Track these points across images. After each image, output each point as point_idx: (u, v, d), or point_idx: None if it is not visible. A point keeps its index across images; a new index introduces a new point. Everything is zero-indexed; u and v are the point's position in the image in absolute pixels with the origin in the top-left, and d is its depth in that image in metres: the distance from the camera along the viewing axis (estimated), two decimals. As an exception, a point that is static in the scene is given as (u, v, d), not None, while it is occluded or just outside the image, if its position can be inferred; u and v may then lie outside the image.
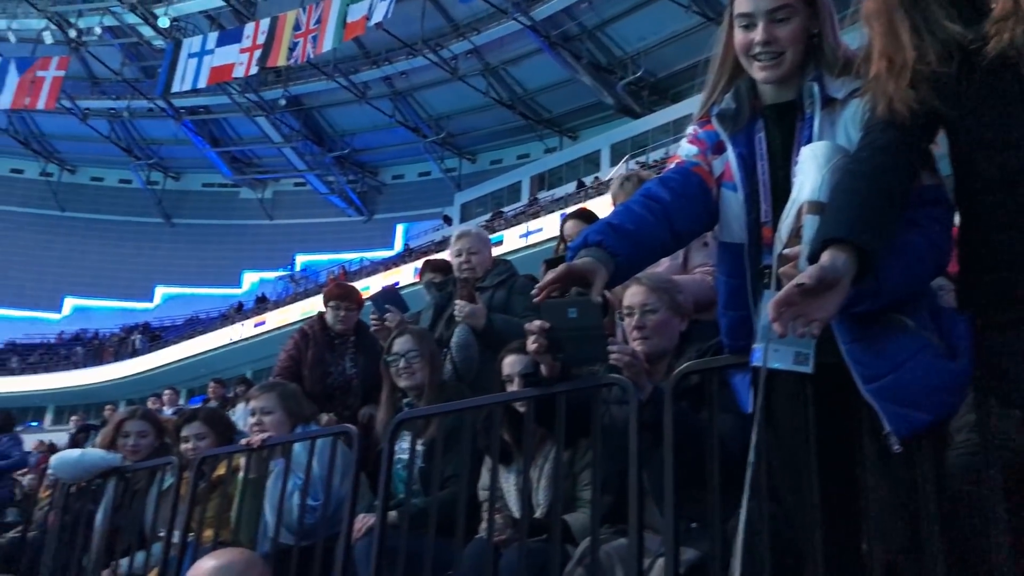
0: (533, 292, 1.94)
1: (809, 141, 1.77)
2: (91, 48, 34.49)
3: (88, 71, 35.64)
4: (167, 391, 10.83)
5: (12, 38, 32.94)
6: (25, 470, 8.29)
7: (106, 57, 35.07)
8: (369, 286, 26.39)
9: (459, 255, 4.07)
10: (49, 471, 3.95)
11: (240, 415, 5.26)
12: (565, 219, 4.20)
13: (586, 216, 4.06)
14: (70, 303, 39.91)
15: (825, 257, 1.50)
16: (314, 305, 28.59)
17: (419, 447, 3.01)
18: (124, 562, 3.53)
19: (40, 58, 30.46)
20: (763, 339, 1.68)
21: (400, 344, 3.39)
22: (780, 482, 1.94)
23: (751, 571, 1.85)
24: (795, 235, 1.67)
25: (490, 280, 4.04)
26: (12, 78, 29.97)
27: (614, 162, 29.40)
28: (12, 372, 35.76)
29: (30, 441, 11.71)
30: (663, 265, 2.92)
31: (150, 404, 9.82)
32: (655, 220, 1.89)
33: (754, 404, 1.91)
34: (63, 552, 3.87)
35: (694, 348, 2.48)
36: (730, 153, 1.91)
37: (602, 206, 7.67)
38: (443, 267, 5.14)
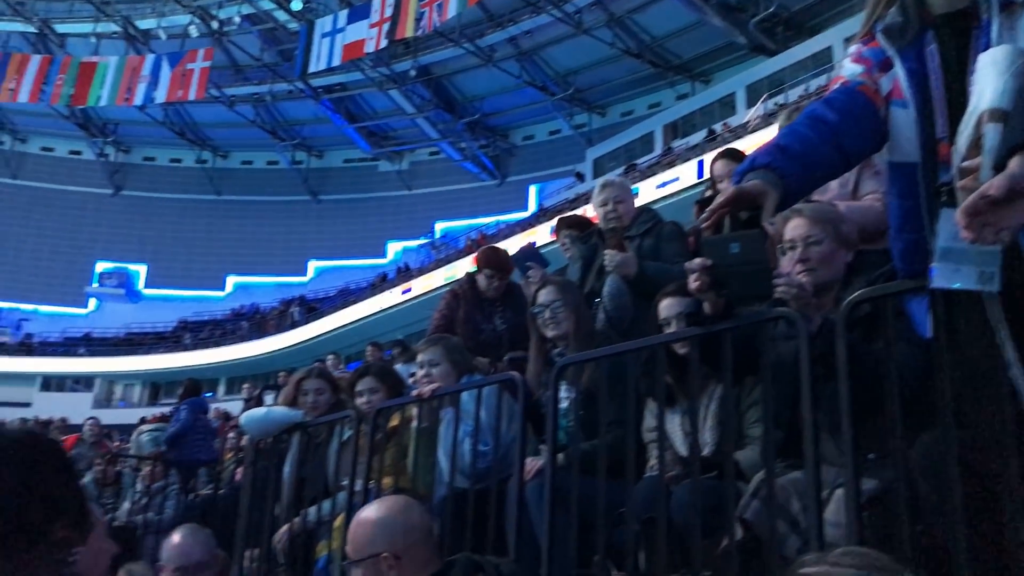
0: (703, 217, 1.92)
1: (987, 49, 1.68)
2: (232, 37, 36.25)
3: (231, 60, 37.47)
4: (330, 357, 11.42)
5: (162, 35, 35.06)
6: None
7: (246, 45, 36.79)
8: (507, 249, 26.74)
9: (604, 205, 4.07)
10: (241, 426, 4.27)
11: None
12: (714, 159, 4.12)
13: (734, 155, 3.98)
14: (232, 281, 42.57)
15: (1014, 164, 1.43)
16: (456, 270, 29.28)
17: (575, 394, 3.08)
18: (312, 510, 3.81)
19: (188, 51, 32.24)
20: (942, 259, 1.62)
21: (544, 295, 3.45)
22: (965, 409, 1.88)
23: (940, 499, 1.82)
24: (974, 146, 1.59)
25: (636, 229, 4.03)
26: (165, 73, 31.91)
27: (750, 104, 28.34)
28: (186, 348, 38.64)
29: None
30: (831, 192, 2.83)
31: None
32: (822, 141, 1.84)
33: (935, 328, 1.86)
34: (257, 503, 4.20)
35: (862, 279, 2.41)
36: (899, 69, 1.83)
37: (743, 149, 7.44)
38: (578, 223, 5.13)
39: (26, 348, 41.25)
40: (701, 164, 22.59)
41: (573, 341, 3.25)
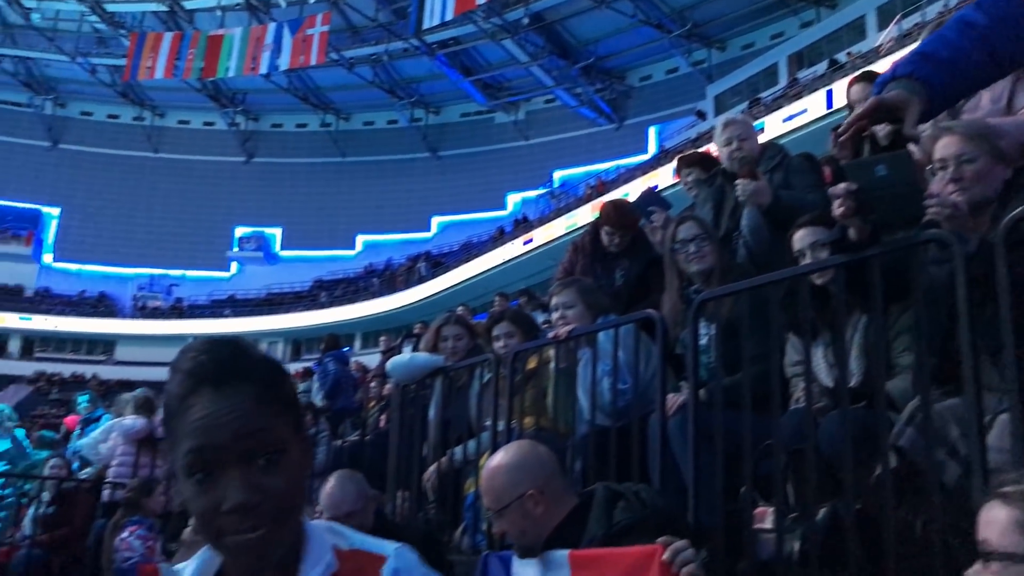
0: (840, 129, 1.84)
1: None
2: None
3: (347, 22, 38.21)
4: (459, 308, 11.68)
5: (282, 2, 36.08)
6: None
7: (361, 6, 37.40)
8: (627, 193, 26.41)
9: (728, 143, 3.97)
10: (387, 372, 4.47)
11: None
12: (851, 82, 3.95)
13: (873, 78, 3.78)
14: (361, 239, 44.00)
15: None
16: (576, 218, 29.22)
17: (715, 330, 3.06)
18: (458, 450, 3.96)
19: (307, 17, 33.13)
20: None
21: (685, 230, 3.42)
22: None
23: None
24: None
25: (763, 165, 3.92)
26: (287, 40, 32.95)
27: (882, 26, 26.65)
28: (323, 306, 40.40)
29: (347, 363, 13.21)
30: (982, 109, 2.68)
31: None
32: (971, 46, 1.73)
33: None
34: (405, 444, 4.40)
35: (1023, 196, 2.29)
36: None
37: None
38: (700, 161, 5.00)
39: (177, 311, 44.13)
40: (830, 94, 21.52)
41: (717, 275, 3.22)
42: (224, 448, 0.95)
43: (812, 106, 22.46)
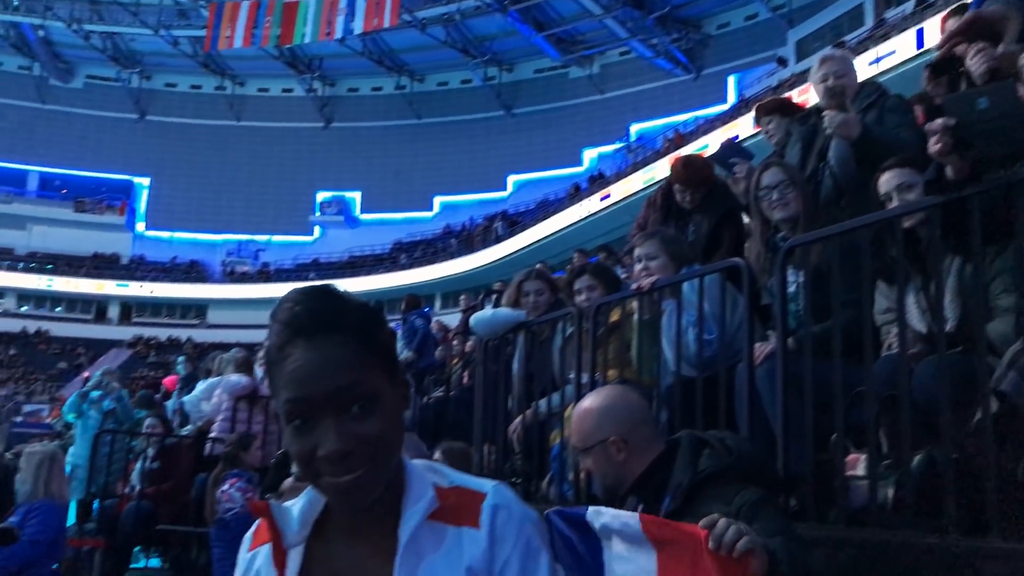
0: (936, 45, 1.75)
1: None
2: (419, -41, 36.86)
3: (420, -19, 38.19)
4: (538, 266, 11.68)
5: (354, -34, 36.19)
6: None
7: (433, -35, 37.31)
8: (707, 144, 25.83)
9: (824, 80, 3.82)
10: (470, 327, 4.53)
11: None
12: (945, 17, 3.76)
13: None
14: (438, 201, 44.36)
15: None
16: (654, 172, 28.76)
17: (803, 277, 2.99)
18: (542, 403, 4.00)
19: (379, -20, 33.14)
20: None
21: (769, 177, 3.33)
22: None
23: None
24: None
25: (858, 104, 3.77)
26: (360, 4, 33.12)
27: (977, -43, 25.15)
28: (403, 267, 41.03)
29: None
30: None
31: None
32: None
33: None
34: (489, 399, 4.47)
35: None
36: None
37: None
38: (780, 107, 4.80)
39: (264, 276, 45.45)
40: (920, 33, 20.52)
41: (803, 221, 3.14)
42: (317, 400, 0.98)
43: (901, 47, 21.47)
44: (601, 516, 2.04)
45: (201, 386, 7.69)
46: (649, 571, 1.79)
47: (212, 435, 7.00)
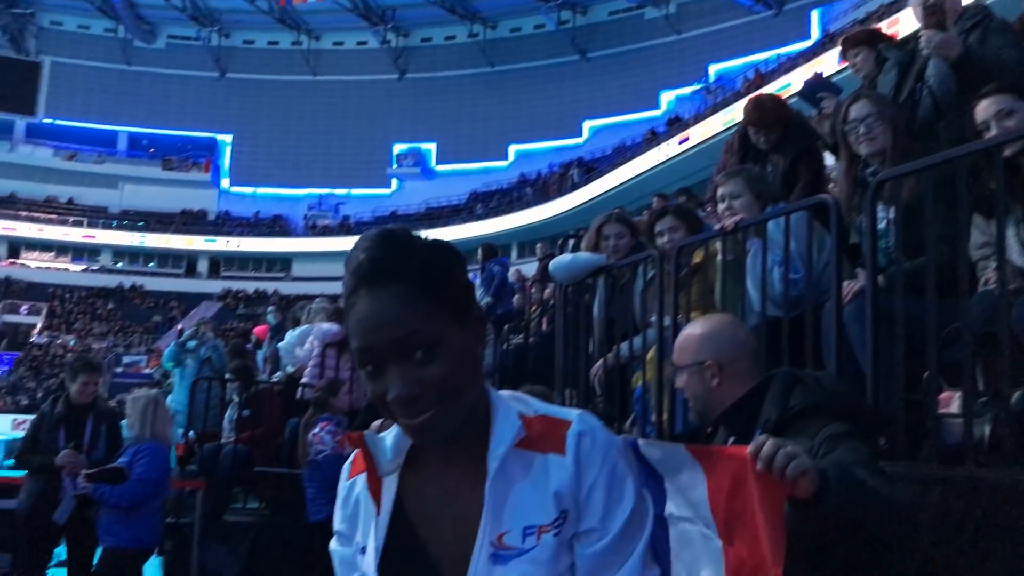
0: None
1: None
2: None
3: (490, -73, 37.59)
4: (616, 211, 11.57)
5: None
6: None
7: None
8: (789, 83, 24.97)
9: (924, 2, 3.63)
10: (550, 272, 4.55)
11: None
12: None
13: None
14: (513, 149, 44.20)
15: None
16: (734, 114, 27.95)
17: (894, 213, 2.89)
18: (624, 346, 4.01)
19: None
20: None
21: (857, 109, 3.21)
22: None
23: None
24: None
25: (960, 26, 3.57)
26: (431, -48, 32.74)
27: None
28: (479, 217, 41.17)
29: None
30: None
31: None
32: None
33: None
34: (570, 343, 4.49)
35: None
36: None
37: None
38: (868, 39, 4.57)
39: (345, 228, 46.26)
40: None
41: (891, 155, 3.03)
42: (379, 349, 1.01)
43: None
44: (653, 448, 2.06)
45: (294, 333, 7.94)
46: (701, 499, 1.82)
47: (303, 381, 7.24)
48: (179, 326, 26.77)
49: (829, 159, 4.22)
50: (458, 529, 1.05)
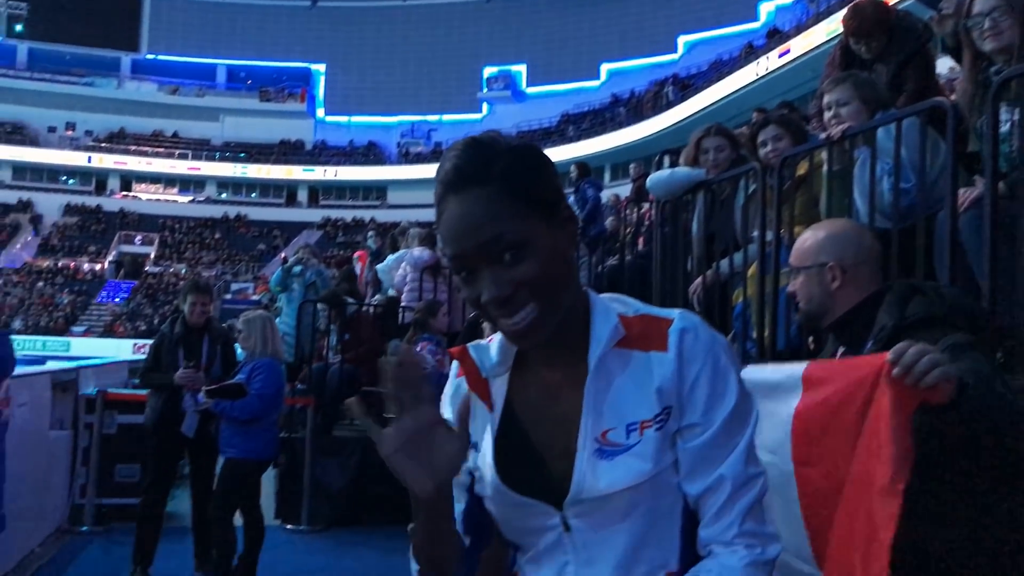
0: None
1: None
2: None
3: None
4: (715, 125, 11.24)
5: None
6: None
7: None
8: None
9: None
10: (647, 188, 4.48)
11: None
12: None
13: None
14: (605, 68, 43.23)
15: None
16: (838, 23, 26.49)
17: (1018, 115, 2.72)
18: (724, 263, 3.94)
19: None
20: None
21: (982, 3, 2.98)
22: None
23: None
24: None
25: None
26: None
27: None
28: (571, 140, 40.67)
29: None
30: None
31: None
32: None
33: None
34: (668, 261, 4.45)
35: None
36: None
37: None
38: None
39: (437, 155, 46.46)
40: None
41: (1018, 52, 2.83)
42: (468, 254, 1.02)
43: None
44: (753, 375, 2.03)
45: (391, 257, 8.12)
46: (787, 418, 1.80)
47: (403, 304, 7.43)
48: (282, 254, 27.68)
49: (945, 65, 3.98)
50: (562, 427, 1.07)
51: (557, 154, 39.71)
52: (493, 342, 1.17)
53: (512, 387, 1.14)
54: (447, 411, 1.20)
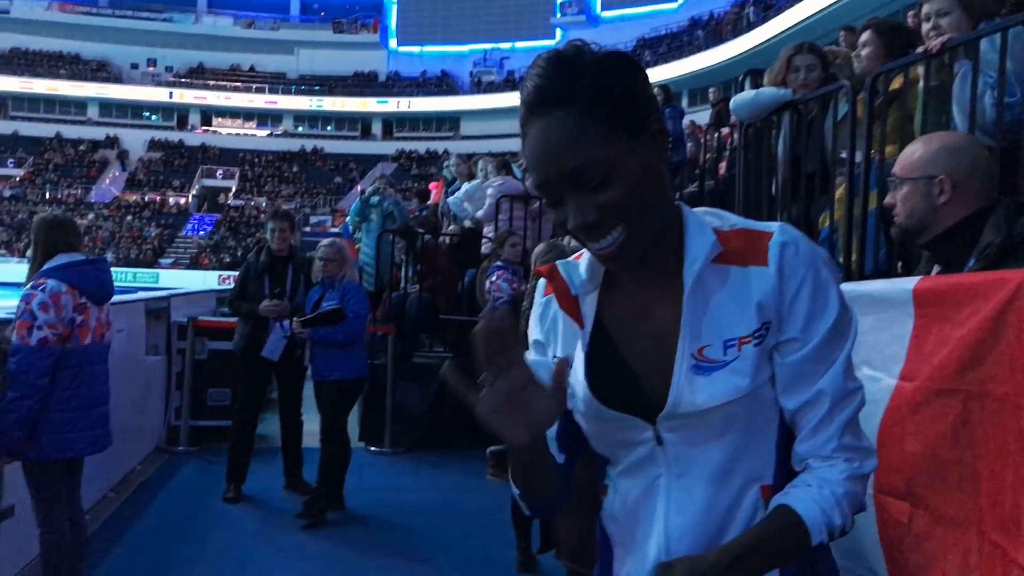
0: None
1: None
2: None
3: None
4: (807, 43, 10.79)
5: None
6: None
7: None
8: None
9: None
10: (731, 110, 4.35)
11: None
12: None
13: None
14: (683, -11, 41.78)
15: None
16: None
17: None
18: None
19: None
20: None
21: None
22: None
23: None
24: None
25: None
26: None
27: None
28: (648, 65, 39.62)
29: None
30: None
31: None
32: None
33: None
34: (751, 185, 4.33)
35: None
36: None
37: None
38: None
39: (510, 84, 45.99)
40: None
41: None
42: (551, 182, 0.99)
43: None
44: (855, 288, 1.96)
45: (464, 188, 8.12)
46: (902, 337, 1.73)
47: (484, 234, 7.46)
48: (359, 187, 28.02)
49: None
50: (655, 343, 1.06)
51: (633, 81, 38.76)
52: (582, 259, 1.15)
53: (602, 304, 1.13)
54: (535, 330, 1.20)
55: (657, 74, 37.27)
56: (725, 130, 8.15)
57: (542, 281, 1.19)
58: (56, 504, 3.25)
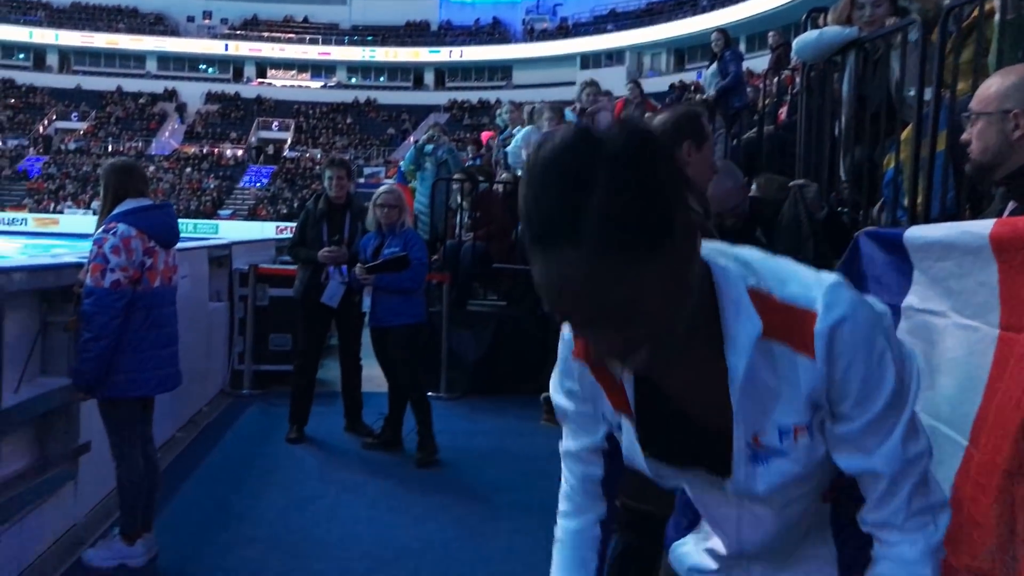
0: None
1: None
2: None
3: None
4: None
5: None
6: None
7: None
8: None
9: None
10: (793, 52, 4.23)
11: None
12: None
13: None
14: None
15: None
16: None
17: None
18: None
19: None
20: None
21: None
22: None
23: None
24: None
25: None
26: None
27: None
28: (704, 10, 38.67)
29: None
30: None
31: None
32: None
33: None
34: (813, 127, 4.23)
35: None
36: None
37: None
38: None
39: (563, 31, 45.30)
40: None
41: None
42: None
43: None
44: (926, 233, 1.90)
45: (520, 134, 8.07)
46: (988, 284, 1.67)
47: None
48: (411, 138, 28.03)
49: None
50: (708, 423, 1.03)
51: (690, 26, 37.94)
52: None
53: (639, 378, 1.06)
54: (570, 382, 1.15)
55: (715, 18, 36.34)
56: (786, 73, 7.93)
57: (571, 340, 1.11)
58: (130, 440, 3.39)
